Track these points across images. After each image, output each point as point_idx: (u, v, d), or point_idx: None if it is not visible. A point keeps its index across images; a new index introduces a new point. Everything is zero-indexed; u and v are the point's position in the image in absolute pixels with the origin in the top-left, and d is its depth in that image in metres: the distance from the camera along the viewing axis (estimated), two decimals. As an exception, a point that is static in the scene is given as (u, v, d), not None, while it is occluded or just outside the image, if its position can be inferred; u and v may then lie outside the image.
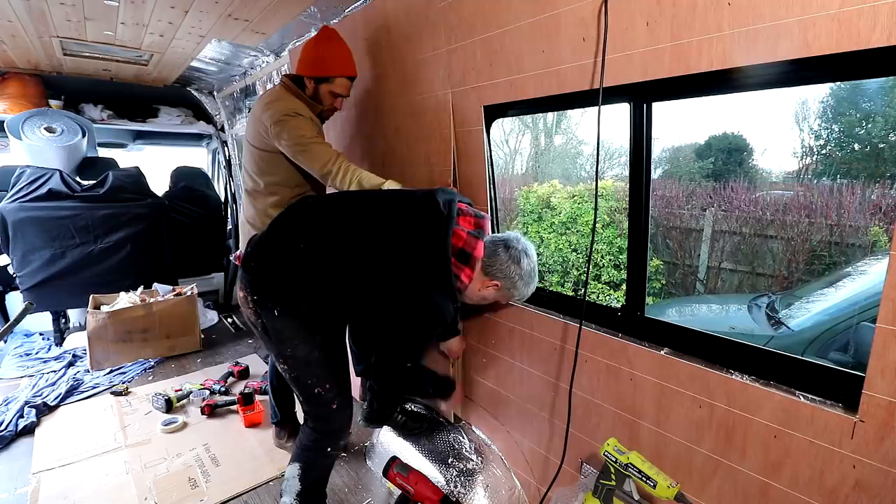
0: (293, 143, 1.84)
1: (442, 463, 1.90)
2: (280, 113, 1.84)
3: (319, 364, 1.52)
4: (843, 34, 0.87)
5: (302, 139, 1.84)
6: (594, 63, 1.28)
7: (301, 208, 1.54)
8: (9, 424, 2.35)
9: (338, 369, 1.58)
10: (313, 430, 1.60)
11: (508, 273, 1.51)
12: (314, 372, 1.52)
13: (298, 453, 1.63)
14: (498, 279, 1.52)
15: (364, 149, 2.38)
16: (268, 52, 2.92)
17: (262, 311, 1.46)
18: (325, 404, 1.55)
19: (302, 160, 1.87)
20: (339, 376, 1.58)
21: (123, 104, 4.04)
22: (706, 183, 6.38)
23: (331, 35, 1.93)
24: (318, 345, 1.51)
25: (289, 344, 1.48)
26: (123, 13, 2.33)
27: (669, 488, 1.15)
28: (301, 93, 1.95)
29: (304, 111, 1.90)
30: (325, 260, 1.41)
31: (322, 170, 1.82)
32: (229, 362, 3.17)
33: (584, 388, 1.54)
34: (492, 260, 1.51)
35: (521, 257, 1.51)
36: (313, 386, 1.53)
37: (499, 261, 1.51)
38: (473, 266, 1.46)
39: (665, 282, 5.58)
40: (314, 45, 1.92)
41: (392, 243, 1.41)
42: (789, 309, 3.08)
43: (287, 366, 1.52)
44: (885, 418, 0.93)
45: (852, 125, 5.81)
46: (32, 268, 3.22)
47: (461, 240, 1.44)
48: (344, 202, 1.56)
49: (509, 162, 10.10)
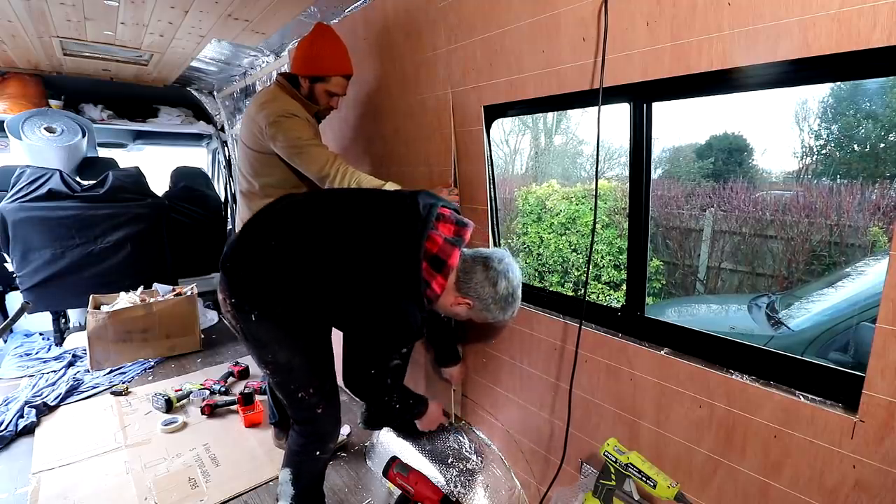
0: (289, 145, 1.82)
1: (442, 463, 1.90)
2: (275, 114, 1.82)
3: (301, 369, 1.47)
4: (843, 34, 0.87)
5: (298, 141, 1.81)
6: (594, 63, 1.28)
7: (275, 206, 1.47)
8: (9, 424, 2.35)
9: (322, 373, 1.53)
10: (300, 433, 1.57)
11: (482, 294, 1.42)
12: (296, 377, 1.48)
13: (289, 457, 1.60)
14: (470, 298, 1.43)
15: (363, 149, 2.38)
16: (268, 52, 2.92)
17: (239, 315, 1.40)
18: (310, 408, 1.52)
19: (298, 162, 1.84)
20: (323, 380, 1.53)
21: (123, 104, 4.04)
22: (706, 183, 6.38)
23: (325, 32, 1.89)
24: (300, 349, 1.46)
25: (269, 349, 1.43)
26: (123, 13, 2.32)
27: (669, 488, 1.15)
28: (296, 92, 1.92)
29: (300, 112, 1.88)
30: (296, 257, 1.35)
31: (319, 172, 1.80)
32: (229, 362, 3.17)
33: (584, 388, 1.54)
34: (467, 276, 1.41)
35: (498, 280, 1.41)
36: (297, 391, 1.49)
37: (474, 279, 1.41)
38: (447, 275, 1.37)
39: (665, 282, 5.58)
40: (308, 44, 1.89)
41: (364, 241, 1.34)
42: (789, 309, 3.08)
43: (269, 371, 1.50)
44: (885, 418, 0.93)
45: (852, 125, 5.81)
46: (32, 268, 3.22)
47: (436, 245, 1.34)
48: (319, 200, 1.49)
49: (509, 162, 10.10)
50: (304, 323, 1.46)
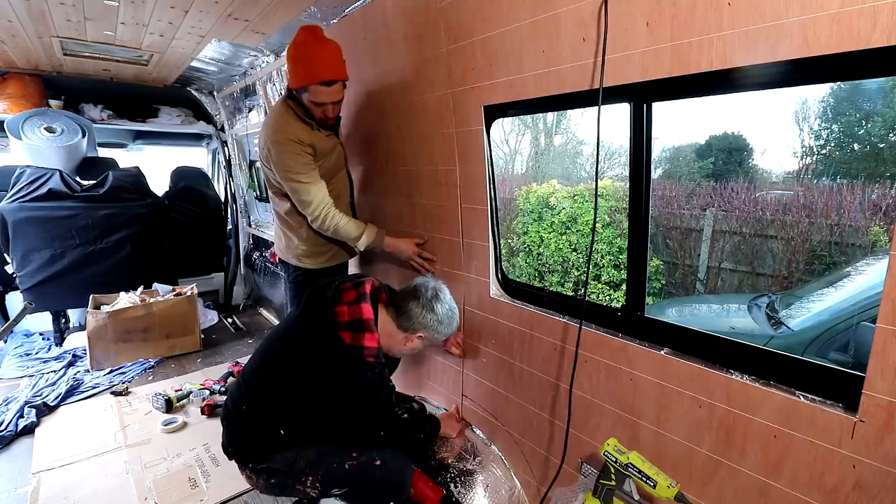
0: (279, 171, 1.91)
1: (442, 463, 1.90)
2: (268, 139, 1.90)
3: (322, 452, 1.56)
4: (843, 34, 0.87)
5: (287, 173, 1.90)
6: (594, 63, 1.28)
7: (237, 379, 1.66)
8: (9, 424, 2.35)
9: (340, 434, 1.60)
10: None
11: (427, 323, 1.57)
12: (327, 460, 1.54)
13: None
14: (419, 331, 1.58)
15: (365, 149, 2.38)
16: (268, 52, 2.92)
17: (258, 478, 1.57)
18: (370, 467, 1.55)
19: (289, 192, 1.96)
20: (350, 438, 1.60)
21: (123, 104, 4.03)
22: (706, 183, 6.38)
23: (298, 41, 1.81)
24: (318, 477, 1.53)
25: (294, 475, 1.52)
26: (123, 13, 2.32)
27: (669, 488, 1.15)
28: (298, 108, 1.90)
29: (299, 133, 1.88)
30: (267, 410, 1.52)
31: (307, 210, 1.94)
32: (229, 362, 3.17)
33: (584, 388, 1.54)
34: (405, 317, 1.56)
35: (433, 304, 1.57)
36: (342, 466, 1.54)
37: (413, 315, 1.56)
38: (371, 327, 1.49)
39: (665, 282, 5.58)
40: (288, 54, 1.85)
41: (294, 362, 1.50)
42: (789, 309, 3.09)
43: (318, 479, 1.54)
44: (885, 418, 0.93)
45: (852, 125, 5.81)
46: (32, 268, 3.22)
47: (345, 315, 1.48)
48: (254, 360, 1.63)
49: (509, 162, 10.10)
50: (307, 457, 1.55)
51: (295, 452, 1.53)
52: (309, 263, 2.16)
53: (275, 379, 1.52)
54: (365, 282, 1.58)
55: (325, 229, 1.98)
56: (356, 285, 1.55)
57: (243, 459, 1.58)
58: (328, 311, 1.48)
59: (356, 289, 1.54)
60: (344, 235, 2.01)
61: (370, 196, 2.45)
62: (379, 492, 1.56)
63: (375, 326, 1.51)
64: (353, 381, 1.46)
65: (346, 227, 1.98)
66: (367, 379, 1.47)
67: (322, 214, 1.94)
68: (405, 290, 1.62)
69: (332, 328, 1.46)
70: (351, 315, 1.48)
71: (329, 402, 1.49)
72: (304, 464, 1.52)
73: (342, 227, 1.97)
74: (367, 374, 1.47)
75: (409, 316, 1.56)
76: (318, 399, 1.49)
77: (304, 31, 1.83)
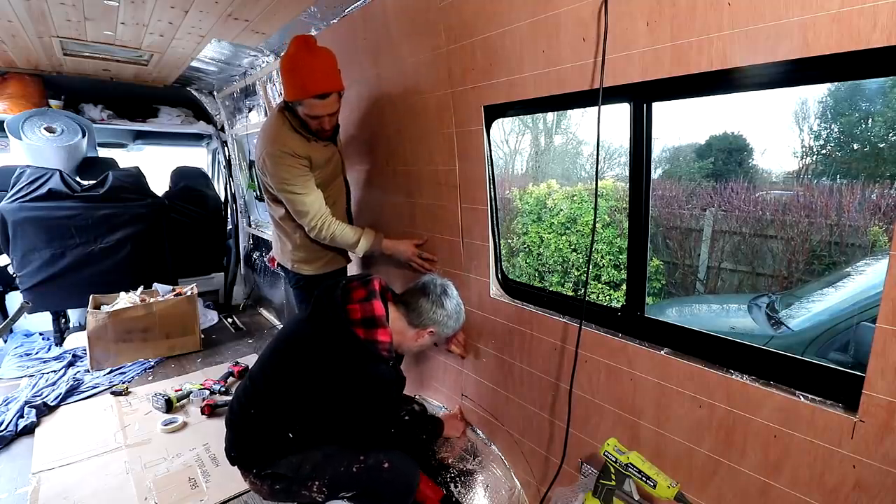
0: (275, 182, 1.92)
1: (442, 463, 1.90)
2: (264, 150, 1.90)
3: (328, 455, 1.55)
4: (843, 34, 0.87)
5: (283, 185, 1.90)
6: (594, 63, 1.28)
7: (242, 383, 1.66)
8: (9, 424, 2.35)
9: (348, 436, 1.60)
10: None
11: (437, 318, 1.62)
12: (334, 462, 1.54)
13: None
14: (430, 326, 1.62)
15: (365, 150, 2.38)
16: (268, 52, 2.91)
17: (262, 484, 1.56)
18: (377, 469, 1.55)
19: (286, 204, 1.97)
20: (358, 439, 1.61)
21: (123, 104, 4.03)
22: (706, 183, 6.38)
23: (290, 53, 1.76)
24: (308, 450, 1.54)
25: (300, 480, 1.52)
26: (123, 13, 2.32)
27: (669, 488, 1.15)
28: (294, 120, 1.89)
29: (294, 146, 1.87)
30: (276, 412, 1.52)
31: (307, 224, 1.95)
32: (229, 362, 3.17)
33: (584, 388, 1.54)
34: (416, 313, 1.60)
35: (442, 300, 1.62)
36: (349, 468, 1.54)
37: (423, 310, 1.60)
38: (383, 323, 1.52)
39: (665, 282, 5.58)
40: (281, 66, 1.80)
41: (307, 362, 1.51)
42: (789, 309, 3.09)
43: (324, 485, 1.53)
44: (885, 418, 0.93)
45: (852, 125, 5.81)
46: (32, 268, 3.22)
47: (357, 312, 1.50)
48: (262, 362, 1.63)
49: (509, 162, 10.10)
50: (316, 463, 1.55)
51: (301, 457, 1.53)
52: (306, 270, 2.16)
53: (285, 381, 1.52)
54: (373, 279, 1.60)
55: (322, 238, 1.98)
56: (365, 283, 1.57)
57: (247, 465, 1.57)
58: (340, 309, 1.50)
59: (365, 287, 1.56)
60: (342, 242, 2.01)
61: (370, 196, 2.45)
62: (386, 494, 1.56)
63: (387, 322, 1.54)
64: (368, 376, 1.48)
65: (344, 235, 1.99)
66: (382, 372, 1.50)
67: (319, 224, 1.95)
68: (413, 288, 1.65)
69: (346, 325, 1.48)
70: (363, 312, 1.50)
71: (342, 400, 1.50)
72: (311, 468, 1.52)
73: (339, 235, 1.98)
74: (381, 368, 1.50)
75: (419, 312, 1.60)
76: (332, 398, 1.49)
77: (296, 41, 1.76)
